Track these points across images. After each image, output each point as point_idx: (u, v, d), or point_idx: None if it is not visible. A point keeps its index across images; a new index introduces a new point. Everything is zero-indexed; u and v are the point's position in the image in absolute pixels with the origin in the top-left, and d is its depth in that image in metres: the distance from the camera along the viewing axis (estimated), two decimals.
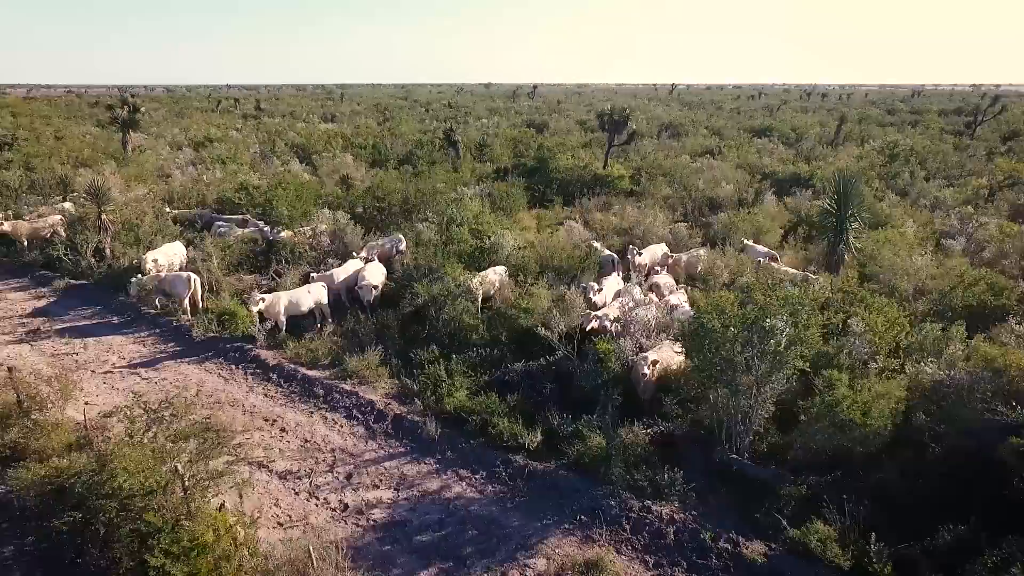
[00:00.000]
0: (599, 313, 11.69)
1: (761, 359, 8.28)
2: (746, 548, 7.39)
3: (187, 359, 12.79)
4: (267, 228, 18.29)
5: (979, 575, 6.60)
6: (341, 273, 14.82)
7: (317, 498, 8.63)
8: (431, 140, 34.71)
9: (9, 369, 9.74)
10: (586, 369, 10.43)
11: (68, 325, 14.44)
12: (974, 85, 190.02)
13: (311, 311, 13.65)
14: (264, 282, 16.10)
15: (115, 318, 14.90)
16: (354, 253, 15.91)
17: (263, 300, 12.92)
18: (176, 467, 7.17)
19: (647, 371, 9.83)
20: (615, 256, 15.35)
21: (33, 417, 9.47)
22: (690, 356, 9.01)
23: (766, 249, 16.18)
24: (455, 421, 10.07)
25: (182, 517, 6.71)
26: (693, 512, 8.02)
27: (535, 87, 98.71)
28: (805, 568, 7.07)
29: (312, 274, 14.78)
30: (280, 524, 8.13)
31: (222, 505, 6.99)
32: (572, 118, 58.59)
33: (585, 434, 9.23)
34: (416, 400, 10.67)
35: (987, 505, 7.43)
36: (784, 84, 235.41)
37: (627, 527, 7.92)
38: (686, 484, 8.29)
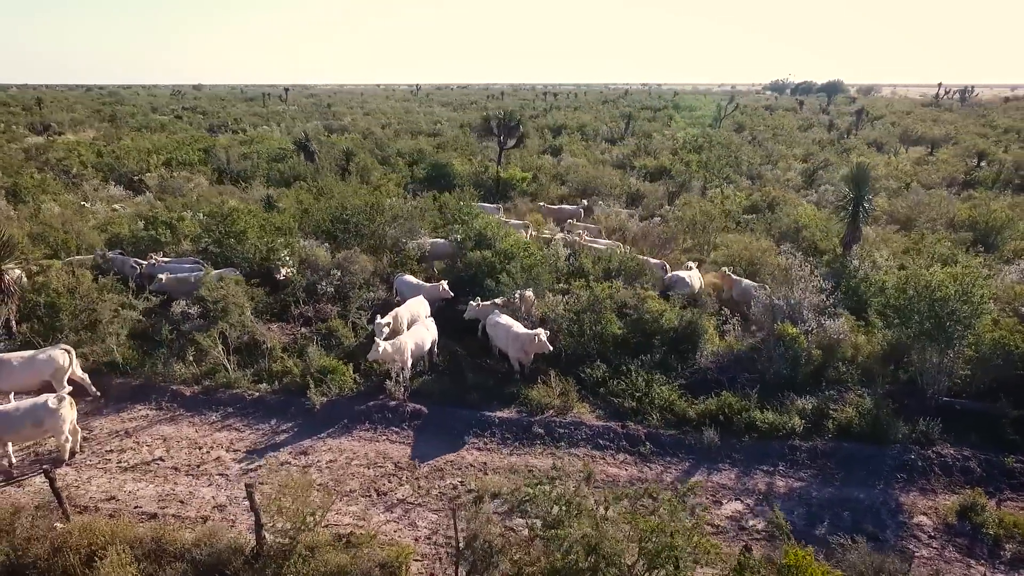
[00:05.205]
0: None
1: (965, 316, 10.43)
2: None
3: (323, 433, 10.52)
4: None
5: None
6: (406, 312, 13.28)
7: None
8: (285, 152, 31.10)
9: (248, 486, 7.22)
10: (779, 354, 11.53)
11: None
12: (644, 84, 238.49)
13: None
14: (292, 329, 13.67)
15: (139, 406, 11.31)
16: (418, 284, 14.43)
17: (390, 346, 11.20)
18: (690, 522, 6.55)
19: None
20: (664, 263, 16.31)
21: (294, 539, 7.32)
22: (904, 323, 10.80)
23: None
24: (699, 425, 10.36)
25: None
26: (965, 447, 9.82)
27: (287, 90, 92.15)
28: None
29: (379, 318, 12.85)
30: None
31: (746, 546, 6.60)
32: (361, 124, 56.52)
33: (829, 409, 10.45)
34: (651, 415, 10.62)
35: None
36: (509, 83, 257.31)
37: (939, 471, 9.39)
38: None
